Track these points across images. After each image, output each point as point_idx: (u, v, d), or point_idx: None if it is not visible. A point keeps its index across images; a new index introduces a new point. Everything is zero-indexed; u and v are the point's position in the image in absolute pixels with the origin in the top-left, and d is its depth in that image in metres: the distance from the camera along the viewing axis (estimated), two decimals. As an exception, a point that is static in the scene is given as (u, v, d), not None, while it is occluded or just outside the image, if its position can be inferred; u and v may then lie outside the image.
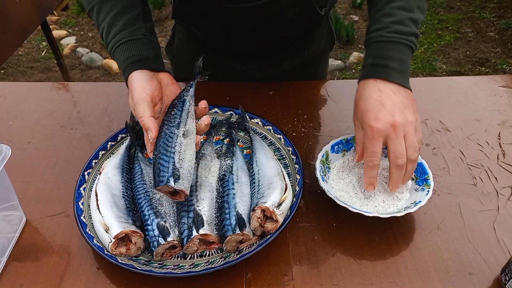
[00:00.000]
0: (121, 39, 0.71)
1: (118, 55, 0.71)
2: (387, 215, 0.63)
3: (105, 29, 0.73)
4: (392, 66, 0.64)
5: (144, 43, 0.71)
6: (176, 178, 0.59)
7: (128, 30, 0.71)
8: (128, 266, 0.56)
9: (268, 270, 0.61)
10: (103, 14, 0.74)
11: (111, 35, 0.72)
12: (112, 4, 0.73)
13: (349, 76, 2.77)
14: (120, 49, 0.70)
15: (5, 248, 0.64)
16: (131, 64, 0.69)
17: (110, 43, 0.72)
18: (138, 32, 0.72)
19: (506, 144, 0.81)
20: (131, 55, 0.70)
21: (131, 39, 0.71)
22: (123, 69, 0.70)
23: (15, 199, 0.67)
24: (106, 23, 0.73)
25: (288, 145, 0.75)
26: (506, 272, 0.57)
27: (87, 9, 0.77)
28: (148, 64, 0.70)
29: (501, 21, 3.19)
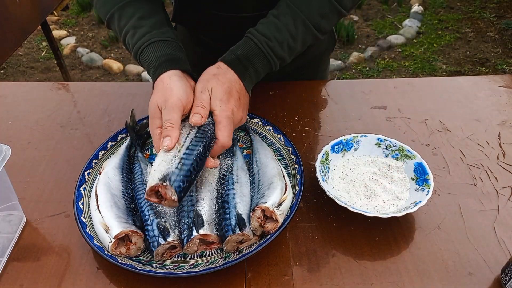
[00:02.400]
0: (150, 38, 0.69)
1: (147, 54, 0.69)
2: (387, 215, 0.63)
3: (130, 31, 0.71)
4: (250, 71, 0.70)
5: (174, 45, 0.70)
6: None
7: (156, 32, 0.70)
8: (128, 266, 0.56)
9: (268, 270, 0.61)
10: (125, 18, 0.72)
11: (137, 36, 0.70)
12: (135, 8, 0.72)
13: (349, 76, 2.77)
14: (150, 48, 0.69)
15: (5, 248, 0.64)
16: (165, 62, 0.67)
17: (137, 43, 0.70)
18: (167, 35, 0.71)
19: (506, 144, 0.81)
20: (164, 54, 0.68)
21: (162, 40, 0.69)
22: (155, 67, 0.67)
23: (15, 199, 0.67)
24: (131, 25, 0.71)
25: (288, 145, 0.75)
26: (506, 272, 0.57)
27: (106, 19, 0.75)
28: (182, 65, 0.68)
29: (501, 21, 3.19)
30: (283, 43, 0.71)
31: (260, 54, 0.70)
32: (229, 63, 0.69)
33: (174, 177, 0.56)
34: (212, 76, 0.67)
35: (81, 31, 3.34)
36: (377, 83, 1.01)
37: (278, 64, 0.72)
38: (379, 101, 0.93)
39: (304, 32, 0.72)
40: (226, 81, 0.67)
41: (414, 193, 0.69)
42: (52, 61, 2.93)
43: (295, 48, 0.73)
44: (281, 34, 0.70)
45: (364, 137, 0.77)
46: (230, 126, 0.64)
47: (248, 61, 0.69)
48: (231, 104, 0.65)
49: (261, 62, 0.70)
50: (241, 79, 0.69)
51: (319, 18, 0.72)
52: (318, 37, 0.75)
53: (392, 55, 2.96)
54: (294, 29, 0.71)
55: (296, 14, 0.71)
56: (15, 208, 0.68)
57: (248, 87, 0.70)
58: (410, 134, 0.84)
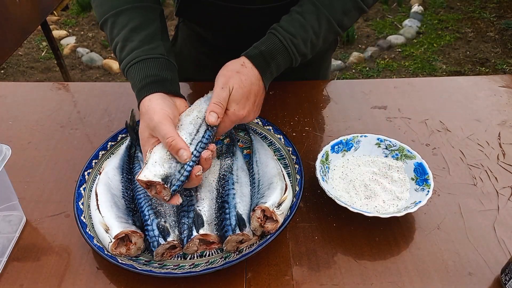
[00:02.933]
0: (137, 56, 0.66)
1: (132, 74, 0.67)
2: (387, 215, 0.63)
3: (120, 44, 0.69)
4: (271, 68, 0.70)
5: (162, 63, 0.67)
6: None
7: (145, 48, 0.67)
8: (128, 266, 0.56)
9: (268, 270, 0.61)
10: (118, 27, 0.70)
11: (126, 51, 0.68)
12: (129, 17, 0.69)
13: (349, 76, 2.77)
14: (135, 67, 0.66)
15: (5, 248, 0.64)
16: (148, 85, 0.65)
17: (124, 60, 0.68)
18: (156, 51, 0.68)
19: (506, 144, 0.81)
20: (148, 75, 0.65)
21: (148, 58, 0.66)
22: (138, 89, 0.66)
23: (15, 199, 0.67)
24: (121, 37, 0.69)
25: (288, 145, 0.75)
26: (506, 272, 0.57)
27: (100, 22, 0.73)
28: (166, 86, 0.66)
29: (501, 21, 3.19)
30: (307, 41, 0.71)
31: (284, 51, 0.70)
32: (252, 58, 0.68)
33: (175, 181, 0.57)
34: (235, 73, 0.66)
35: (81, 31, 3.34)
36: (377, 83, 1.01)
37: (299, 61, 0.72)
38: (379, 101, 0.93)
39: (327, 29, 0.72)
40: (248, 83, 0.66)
41: (414, 193, 0.69)
42: (52, 61, 2.93)
43: (317, 45, 0.73)
44: (305, 32, 0.70)
45: (364, 137, 0.77)
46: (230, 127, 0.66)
47: (271, 58, 0.69)
48: (246, 109, 0.66)
49: (283, 58, 0.70)
50: (262, 76, 0.69)
51: (342, 15, 0.73)
52: (340, 33, 0.75)
53: (392, 55, 2.96)
54: (318, 26, 0.71)
55: (320, 11, 0.71)
56: (15, 208, 0.68)
57: (267, 83, 0.70)
58: (410, 134, 0.84)
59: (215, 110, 0.63)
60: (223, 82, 0.65)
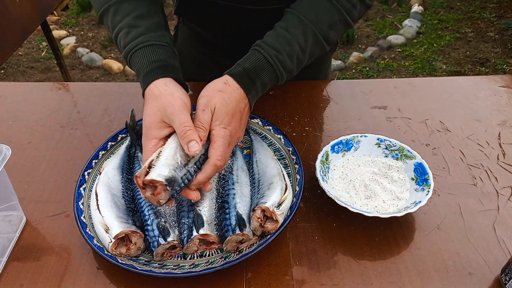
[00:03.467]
0: (145, 41, 0.65)
1: (139, 57, 0.65)
2: (387, 215, 0.63)
3: (124, 30, 0.67)
4: (256, 86, 0.67)
5: (169, 52, 0.66)
6: None
7: (152, 34, 0.66)
8: (128, 266, 0.56)
9: (268, 270, 0.61)
10: (121, 14, 0.68)
11: (131, 36, 0.66)
12: (134, 5, 0.68)
13: (349, 76, 2.77)
14: (143, 51, 0.65)
15: (5, 248, 0.64)
16: (159, 68, 0.63)
17: (130, 44, 0.66)
18: (163, 39, 0.67)
19: (506, 144, 0.81)
20: (157, 59, 0.64)
21: (157, 44, 0.65)
22: (146, 72, 0.63)
23: (15, 199, 0.67)
24: (126, 23, 0.67)
25: (288, 145, 0.75)
26: (506, 272, 0.57)
27: (100, 11, 0.71)
28: (176, 74, 0.64)
29: (501, 21, 3.19)
30: (293, 56, 0.69)
31: (268, 67, 0.67)
32: (236, 76, 0.66)
33: (176, 186, 0.56)
34: (217, 92, 0.63)
35: (81, 31, 3.34)
36: (377, 83, 1.01)
37: (285, 78, 0.70)
38: (379, 101, 0.93)
39: (313, 44, 0.71)
40: (232, 101, 0.63)
41: (414, 193, 0.69)
42: (52, 61, 2.93)
43: (303, 60, 0.71)
44: (291, 47, 0.68)
45: (364, 137, 0.77)
46: (224, 147, 0.60)
47: (256, 75, 0.66)
48: (231, 126, 0.62)
49: (269, 75, 0.68)
50: (247, 94, 0.66)
51: (328, 29, 0.71)
52: (325, 48, 0.73)
53: (392, 55, 2.96)
54: (304, 41, 0.69)
55: (305, 26, 0.69)
56: (15, 208, 0.68)
57: (252, 101, 0.68)
58: (410, 134, 0.84)
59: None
60: (204, 104, 0.62)
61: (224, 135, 0.61)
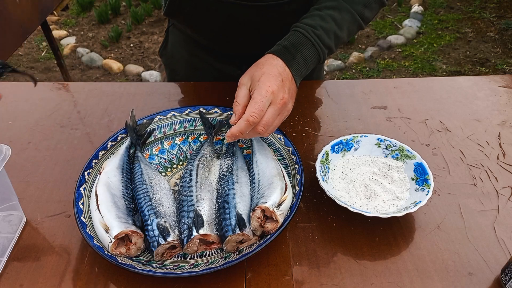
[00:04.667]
0: None
1: None
2: (387, 215, 0.63)
3: None
4: (297, 59, 0.67)
5: None
6: None
7: None
8: (128, 266, 0.56)
9: (268, 270, 0.61)
10: None
11: None
12: None
13: (349, 76, 2.77)
14: None
15: (5, 248, 0.64)
16: None
17: None
18: None
19: (506, 144, 0.81)
20: None
21: None
22: None
23: (15, 199, 0.67)
24: None
25: (288, 145, 0.75)
26: (506, 272, 0.57)
27: None
28: None
29: (501, 21, 3.19)
30: (329, 32, 0.70)
31: (307, 43, 0.68)
32: (275, 52, 0.67)
33: None
34: (253, 66, 0.65)
35: (81, 31, 3.34)
36: (377, 83, 1.01)
37: (326, 53, 0.71)
38: (379, 101, 0.93)
39: (349, 21, 0.72)
40: (268, 66, 0.64)
41: (414, 193, 0.69)
42: (52, 61, 2.93)
43: (341, 37, 0.72)
44: (326, 23, 0.70)
45: (364, 137, 0.77)
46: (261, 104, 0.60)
47: (296, 50, 0.67)
48: (271, 83, 0.61)
49: (308, 50, 0.68)
50: (288, 66, 0.66)
51: (363, 7, 0.73)
52: (362, 26, 0.75)
53: (392, 55, 2.96)
54: (340, 17, 0.71)
55: (340, 4, 0.71)
56: (15, 208, 0.68)
57: (296, 75, 0.67)
58: (410, 134, 0.84)
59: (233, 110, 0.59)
60: (240, 81, 0.63)
61: (260, 92, 0.60)
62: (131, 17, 3.36)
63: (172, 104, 0.93)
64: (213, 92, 0.95)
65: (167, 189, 0.69)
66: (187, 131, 0.82)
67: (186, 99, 0.95)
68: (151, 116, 0.81)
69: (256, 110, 0.60)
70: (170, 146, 0.80)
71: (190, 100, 0.95)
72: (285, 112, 0.65)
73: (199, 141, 0.81)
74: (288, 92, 0.64)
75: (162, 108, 0.85)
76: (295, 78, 0.67)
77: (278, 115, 0.64)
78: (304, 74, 0.71)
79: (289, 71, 0.66)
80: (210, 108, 0.83)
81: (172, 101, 0.94)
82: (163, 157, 0.78)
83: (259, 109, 0.60)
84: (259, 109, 0.60)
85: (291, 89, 0.66)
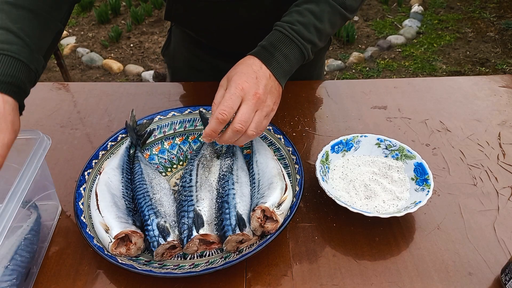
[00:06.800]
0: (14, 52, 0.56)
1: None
2: (387, 215, 0.63)
3: None
4: (277, 57, 0.66)
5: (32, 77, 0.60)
6: None
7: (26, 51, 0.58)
8: (128, 266, 0.56)
9: (268, 270, 0.61)
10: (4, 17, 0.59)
11: None
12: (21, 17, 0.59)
13: (349, 76, 2.77)
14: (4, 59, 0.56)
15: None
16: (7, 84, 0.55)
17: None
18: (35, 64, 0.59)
19: (506, 144, 0.81)
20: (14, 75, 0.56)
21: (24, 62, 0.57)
22: None
23: (52, 187, 0.68)
24: None
25: (288, 145, 0.75)
26: (506, 272, 0.57)
27: None
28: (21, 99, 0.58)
29: (501, 21, 3.19)
30: (309, 25, 0.68)
31: (286, 40, 0.67)
32: (253, 53, 0.67)
33: None
34: (231, 68, 0.65)
35: (81, 31, 3.34)
36: (377, 83, 1.01)
37: (309, 49, 0.69)
38: (379, 101, 0.93)
39: (330, 12, 0.70)
40: (242, 66, 0.64)
41: (414, 193, 0.69)
42: (52, 61, 2.92)
43: (323, 30, 0.70)
44: (304, 17, 0.68)
45: (364, 137, 0.77)
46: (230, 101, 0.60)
47: (274, 48, 0.67)
48: (241, 80, 0.61)
49: (288, 47, 0.67)
50: (266, 64, 0.65)
51: None
52: (347, 16, 0.73)
53: (392, 55, 2.96)
54: (318, 10, 0.69)
55: None
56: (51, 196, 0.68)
57: (277, 73, 0.66)
58: (410, 134, 0.84)
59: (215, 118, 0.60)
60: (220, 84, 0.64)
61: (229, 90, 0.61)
62: (131, 17, 3.36)
63: (172, 104, 0.93)
64: (213, 92, 0.95)
65: (167, 189, 0.69)
66: (187, 131, 0.82)
67: (186, 99, 0.95)
68: (151, 116, 0.81)
69: (224, 107, 0.60)
70: (170, 146, 0.80)
71: (190, 100, 0.95)
72: (264, 108, 0.64)
73: (199, 141, 0.81)
74: (264, 88, 0.63)
75: (162, 108, 0.86)
76: (276, 76, 0.66)
77: (257, 111, 0.63)
78: (289, 73, 0.69)
79: (267, 69, 0.65)
80: (210, 108, 0.83)
81: (172, 101, 0.94)
82: (163, 157, 0.78)
83: (227, 106, 0.60)
84: (227, 106, 0.60)
85: (269, 85, 0.65)
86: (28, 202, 0.62)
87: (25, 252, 0.58)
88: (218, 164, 0.72)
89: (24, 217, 0.61)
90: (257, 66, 0.65)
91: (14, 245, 0.57)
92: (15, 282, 0.55)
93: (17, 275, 0.55)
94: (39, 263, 0.62)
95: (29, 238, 0.59)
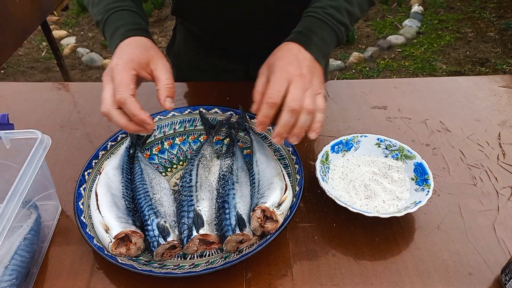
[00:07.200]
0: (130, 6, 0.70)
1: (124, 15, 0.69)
2: (387, 215, 0.63)
3: None
4: (315, 41, 0.66)
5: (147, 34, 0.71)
6: None
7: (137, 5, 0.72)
8: (128, 266, 0.56)
9: (268, 270, 0.61)
10: None
11: None
12: None
13: (349, 76, 2.77)
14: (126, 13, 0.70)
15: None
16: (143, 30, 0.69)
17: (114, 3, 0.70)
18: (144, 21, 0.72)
19: (506, 144, 0.81)
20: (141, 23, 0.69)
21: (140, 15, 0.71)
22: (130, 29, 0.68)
23: (52, 187, 0.68)
24: None
25: (288, 145, 0.75)
26: (506, 272, 0.57)
27: None
28: None
29: (501, 21, 3.19)
30: (340, 9, 0.69)
31: (321, 23, 0.68)
32: (290, 39, 0.67)
33: None
34: (269, 56, 0.65)
35: (81, 31, 3.34)
36: (377, 83, 1.01)
37: (343, 31, 0.70)
38: (379, 101, 0.93)
39: None
40: (281, 51, 0.65)
41: (414, 193, 0.69)
42: (52, 61, 2.93)
43: (354, 13, 0.71)
44: (335, 1, 0.69)
45: (364, 137, 0.77)
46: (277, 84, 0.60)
47: (311, 32, 0.67)
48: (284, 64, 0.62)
49: (324, 30, 0.68)
50: (306, 48, 0.65)
51: None
52: (373, 1, 0.75)
53: (392, 55, 2.96)
54: None
55: None
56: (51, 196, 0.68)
57: (318, 56, 0.66)
58: (410, 134, 0.84)
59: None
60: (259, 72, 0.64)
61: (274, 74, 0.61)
62: (131, 17, 3.36)
63: (172, 104, 0.93)
64: (213, 92, 0.95)
65: (167, 189, 0.69)
66: (187, 131, 0.82)
67: (186, 99, 0.95)
68: (151, 116, 0.81)
69: (272, 90, 0.60)
70: (170, 146, 0.80)
71: (190, 100, 0.95)
72: (313, 87, 0.62)
73: (199, 141, 0.81)
74: (308, 69, 0.63)
75: (162, 108, 0.85)
76: (316, 58, 0.66)
77: (307, 90, 0.61)
78: (327, 55, 0.70)
79: (307, 52, 0.65)
80: (210, 108, 0.83)
81: (172, 101, 0.94)
82: (163, 157, 0.78)
83: (275, 89, 0.60)
84: (275, 90, 0.60)
85: (311, 66, 0.64)
86: (28, 202, 0.62)
87: (25, 252, 0.58)
88: (218, 164, 0.72)
89: (24, 217, 0.61)
90: (296, 49, 0.65)
91: (14, 245, 0.57)
92: (15, 282, 0.55)
93: (17, 275, 0.55)
94: (39, 263, 0.62)
95: (29, 238, 0.59)
